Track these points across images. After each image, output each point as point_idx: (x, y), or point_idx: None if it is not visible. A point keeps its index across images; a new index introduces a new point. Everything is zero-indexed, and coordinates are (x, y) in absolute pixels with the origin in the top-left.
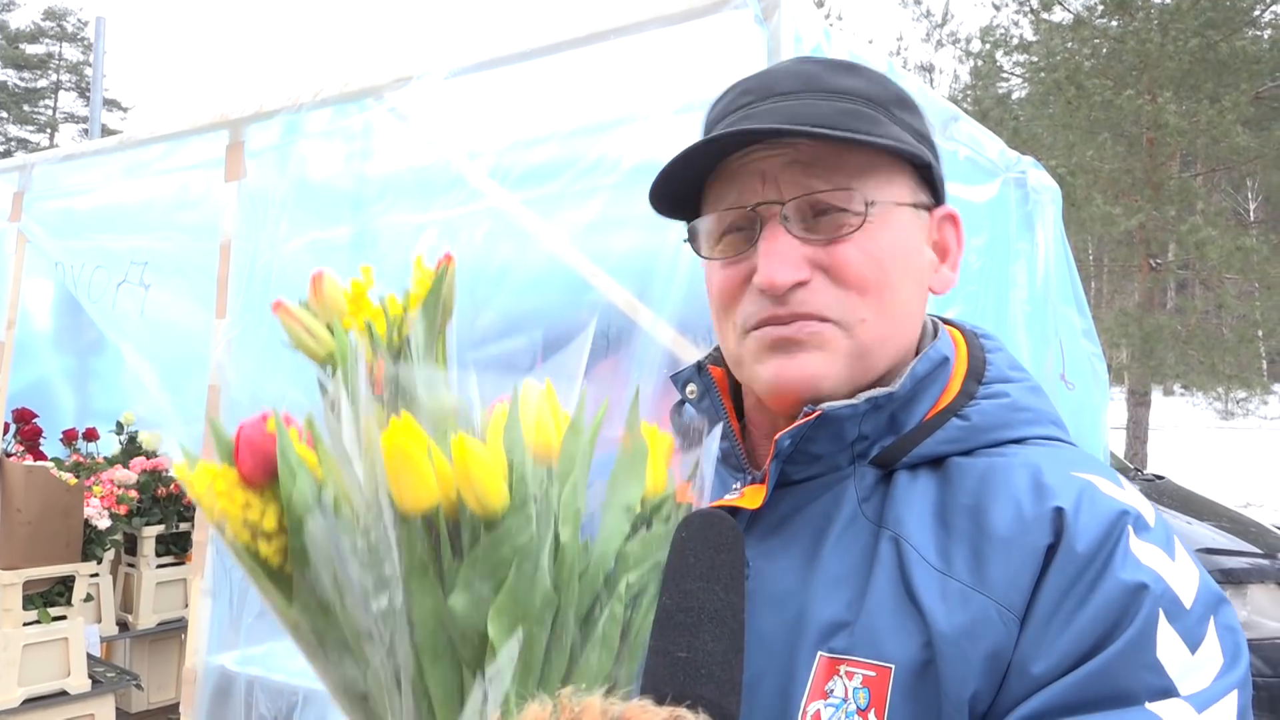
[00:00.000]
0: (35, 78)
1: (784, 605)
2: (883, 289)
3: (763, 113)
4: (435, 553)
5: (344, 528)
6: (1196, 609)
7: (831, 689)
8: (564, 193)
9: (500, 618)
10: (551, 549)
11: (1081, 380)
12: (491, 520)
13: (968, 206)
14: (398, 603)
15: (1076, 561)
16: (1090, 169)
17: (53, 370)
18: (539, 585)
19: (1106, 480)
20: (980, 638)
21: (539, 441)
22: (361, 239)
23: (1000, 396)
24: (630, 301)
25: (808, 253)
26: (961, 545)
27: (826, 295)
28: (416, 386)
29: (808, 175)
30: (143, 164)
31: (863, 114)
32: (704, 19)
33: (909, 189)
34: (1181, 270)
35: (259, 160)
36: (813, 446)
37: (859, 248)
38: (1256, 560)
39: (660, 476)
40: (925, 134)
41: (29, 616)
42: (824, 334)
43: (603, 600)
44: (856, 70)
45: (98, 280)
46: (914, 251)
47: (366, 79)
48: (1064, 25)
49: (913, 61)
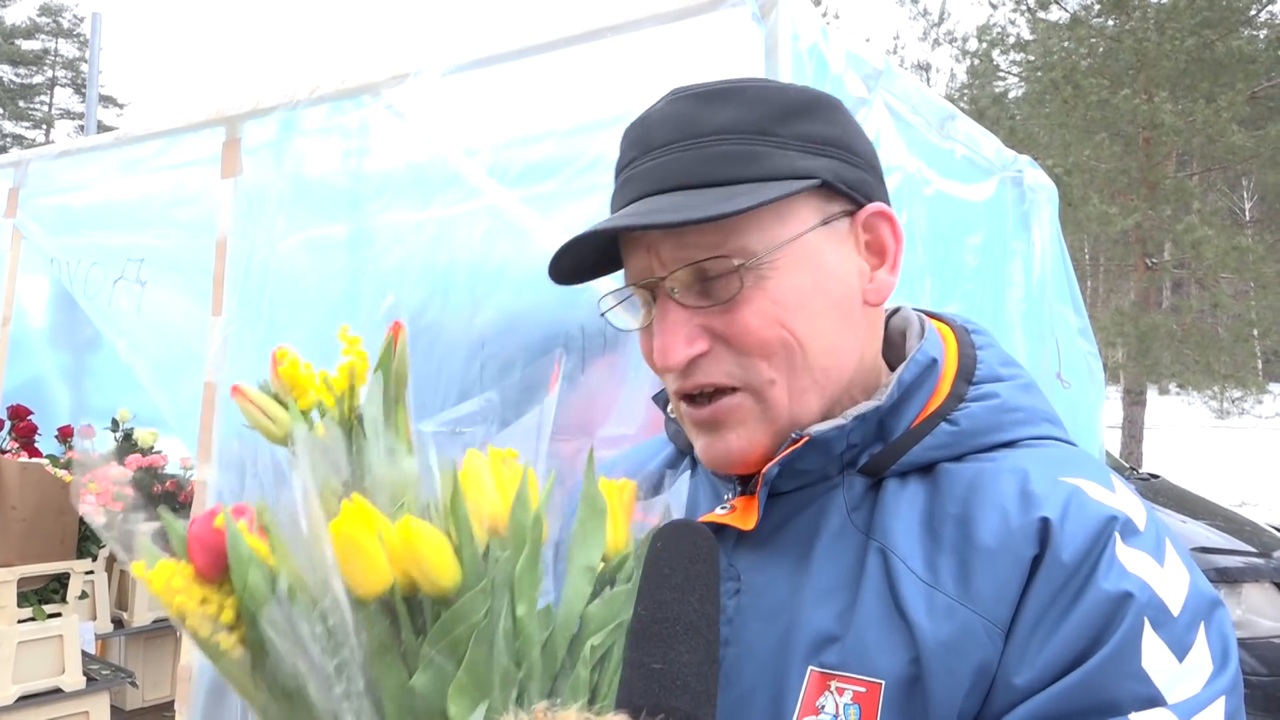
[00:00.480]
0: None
1: (775, 617)
2: (786, 347)
3: (639, 175)
4: (395, 633)
5: (301, 614)
6: (1184, 616)
7: (823, 705)
8: (562, 190)
9: (460, 696)
10: (508, 624)
11: (1077, 379)
12: (445, 598)
13: (964, 205)
14: (361, 686)
15: (1061, 572)
16: (1087, 168)
17: (48, 367)
18: (497, 661)
19: (1096, 484)
20: (967, 652)
21: (488, 511)
22: (358, 237)
23: (990, 398)
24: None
25: (702, 320)
26: (949, 556)
27: (727, 363)
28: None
29: (683, 244)
30: (139, 160)
31: (737, 155)
32: (701, 16)
33: (813, 209)
34: (1177, 269)
35: (255, 157)
36: (801, 464)
37: (753, 310)
38: (1251, 559)
39: (621, 533)
40: (828, 135)
41: (24, 613)
42: (739, 409)
43: (567, 666)
44: (733, 95)
45: (94, 277)
46: (828, 280)
47: (363, 76)
48: (1061, 24)
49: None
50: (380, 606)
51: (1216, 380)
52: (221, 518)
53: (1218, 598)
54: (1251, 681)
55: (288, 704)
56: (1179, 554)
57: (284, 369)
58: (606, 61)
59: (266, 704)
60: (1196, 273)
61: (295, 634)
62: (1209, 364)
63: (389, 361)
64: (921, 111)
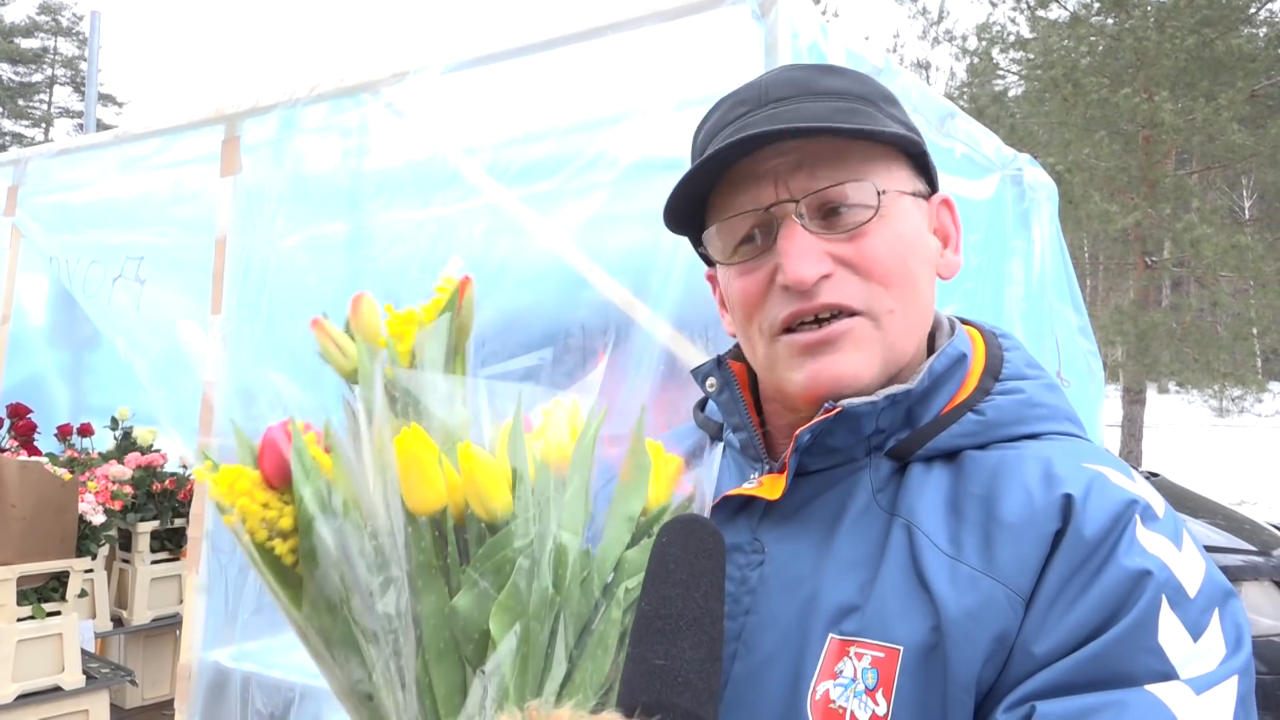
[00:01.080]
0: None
1: (797, 589)
2: (905, 279)
3: (761, 119)
4: (442, 553)
5: (353, 530)
6: (1200, 599)
7: (841, 669)
8: (562, 189)
9: (501, 615)
10: (553, 552)
11: (1077, 377)
12: (495, 524)
13: (965, 203)
14: (404, 603)
15: (1083, 546)
16: (1086, 166)
17: (47, 365)
18: (539, 585)
19: (1118, 472)
20: (987, 620)
21: (555, 456)
22: (358, 235)
23: (1016, 393)
24: (627, 299)
25: (828, 248)
26: (972, 532)
27: (853, 287)
28: (430, 400)
29: (815, 174)
30: (138, 159)
31: (858, 111)
32: (701, 14)
33: (908, 178)
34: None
35: (255, 155)
36: (830, 440)
37: (879, 239)
38: (1251, 558)
39: (662, 489)
40: (913, 126)
41: (23, 612)
42: (856, 330)
43: (602, 605)
44: (842, 72)
45: (93, 275)
46: (922, 238)
47: (363, 74)
48: (1061, 23)
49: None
50: (431, 525)
51: (1216, 379)
52: (292, 426)
53: (1232, 589)
54: None
55: (330, 618)
56: (1195, 544)
57: (360, 314)
58: (607, 59)
59: (308, 618)
60: (1196, 271)
61: (345, 548)
62: (1208, 362)
63: (455, 310)
64: (921, 109)
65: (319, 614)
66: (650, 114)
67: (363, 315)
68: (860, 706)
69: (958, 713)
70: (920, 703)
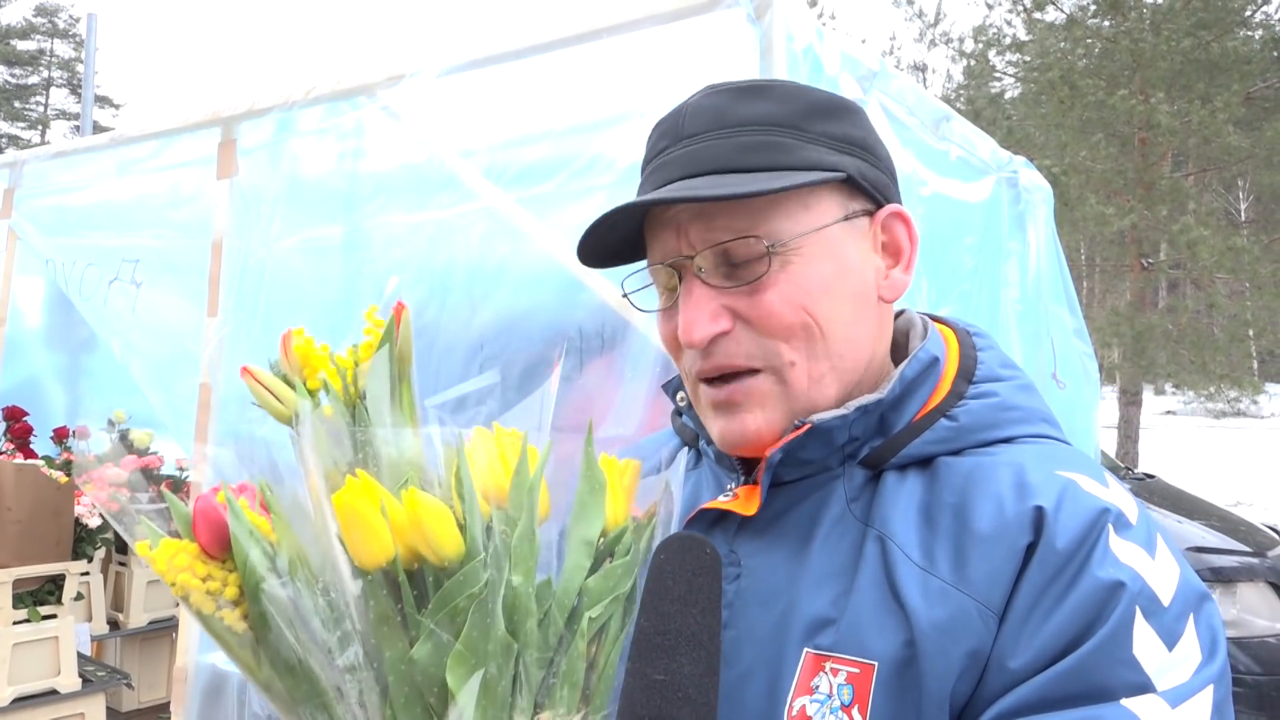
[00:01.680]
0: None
1: (772, 602)
2: (808, 330)
3: (673, 160)
4: (396, 605)
5: (303, 589)
6: (1175, 606)
7: (817, 685)
8: (560, 191)
9: (458, 665)
10: (506, 595)
11: (1073, 379)
12: (449, 569)
13: (960, 206)
14: (362, 658)
15: (1055, 559)
16: (1083, 169)
17: (44, 368)
18: (494, 631)
19: (1090, 479)
20: (960, 635)
21: (491, 485)
22: (354, 238)
23: (989, 396)
24: (623, 302)
25: (727, 301)
26: (945, 543)
27: (749, 344)
28: (375, 440)
29: (713, 226)
30: (134, 161)
31: (768, 144)
32: (697, 18)
33: (837, 204)
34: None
35: (251, 158)
36: (803, 453)
37: (778, 293)
38: (1246, 559)
39: (620, 508)
40: (853, 136)
41: (19, 615)
42: (758, 389)
43: (566, 638)
44: (765, 91)
45: (89, 278)
46: (848, 271)
47: (359, 77)
48: (1057, 25)
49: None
50: (382, 578)
51: (1212, 381)
52: (223, 494)
53: (1207, 592)
54: (1246, 680)
55: (290, 678)
56: (1169, 549)
57: (298, 347)
58: (602, 62)
59: (270, 679)
60: (1192, 273)
61: (297, 608)
62: (1205, 364)
63: (393, 341)
64: (917, 112)
65: (280, 674)
66: (647, 117)
67: (294, 356)
68: None
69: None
70: (895, 718)
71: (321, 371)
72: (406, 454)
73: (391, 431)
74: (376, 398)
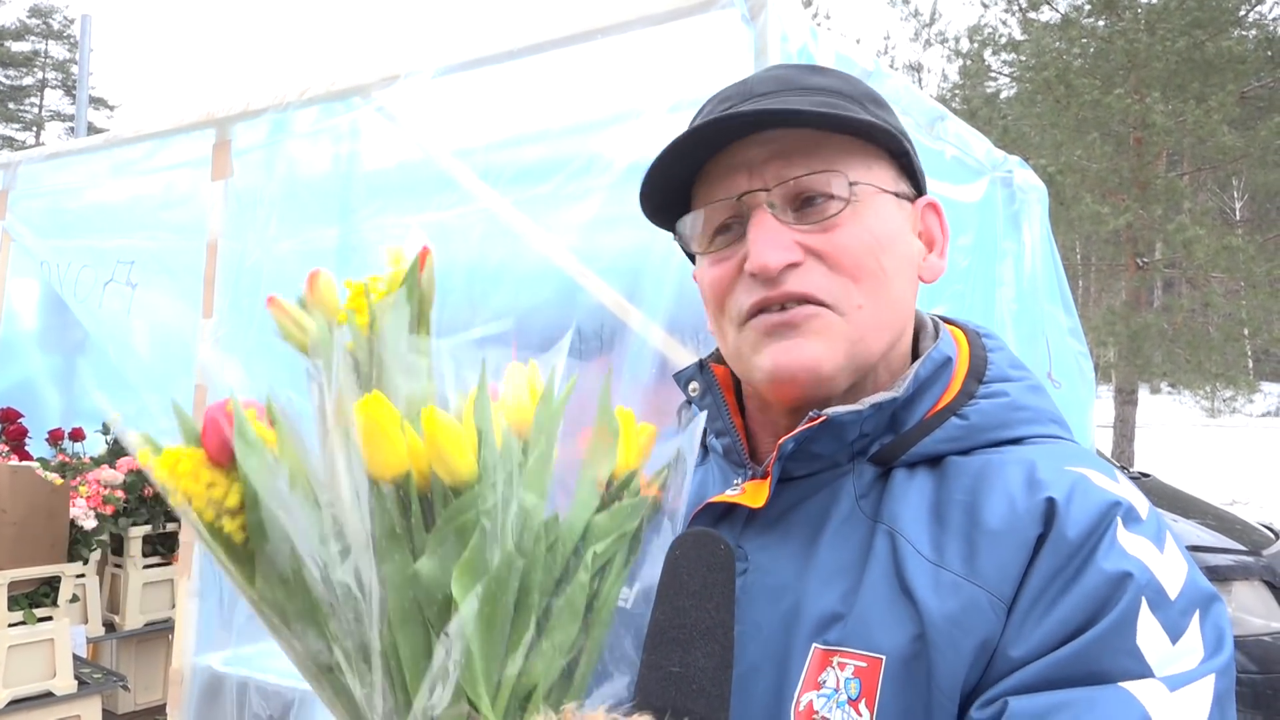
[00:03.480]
0: (21, 75)
1: (780, 597)
2: (876, 275)
3: (744, 113)
4: (405, 519)
5: (302, 502)
6: (1181, 601)
7: (824, 680)
8: (558, 193)
9: (463, 576)
10: (517, 514)
11: (1068, 378)
12: (460, 488)
13: (955, 206)
14: (364, 571)
15: (1065, 548)
16: (1078, 168)
17: (38, 370)
18: (503, 546)
19: (1101, 474)
20: (971, 627)
21: (516, 418)
22: (351, 240)
23: (1000, 396)
24: (620, 303)
25: (798, 237)
26: (956, 538)
27: (820, 278)
28: (392, 369)
29: (789, 163)
30: (129, 162)
31: (840, 105)
32: (691, 18)
33: (890, 178)
34: (1168, 269)
35: (246, 159)
36: (814, 446)
37: (850, 232)
38: (1241, 558)
39: (631, 454)
40: (901, 129)
41: (14, 617)
42: (821, 318)
43: (570, 568)
44: (830, 72)
45: (84, 280)
46: (902, 238)
47: (354, 77)
48: (1052, 25)
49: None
50: (393, 491)
51: (1208, 379)
52: (232, 404)
53: (1216, 593)
54: (1241, 679)
55: (284, 593)
56: (1179, 547)
57: (318, 290)
58: (598, 63)
59: (263, 593)
60: (1187, 272)
61: (295, 520)
62: (1200, 363)
63: (414, 279)
64: (911, 112)
65: (273, 588)
66: (644, 117)
67: (320, 291)
68: (843, 717)
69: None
70: (903, 712)
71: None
72: (423, 390)
73: (408, 370)
74: (394, 333)
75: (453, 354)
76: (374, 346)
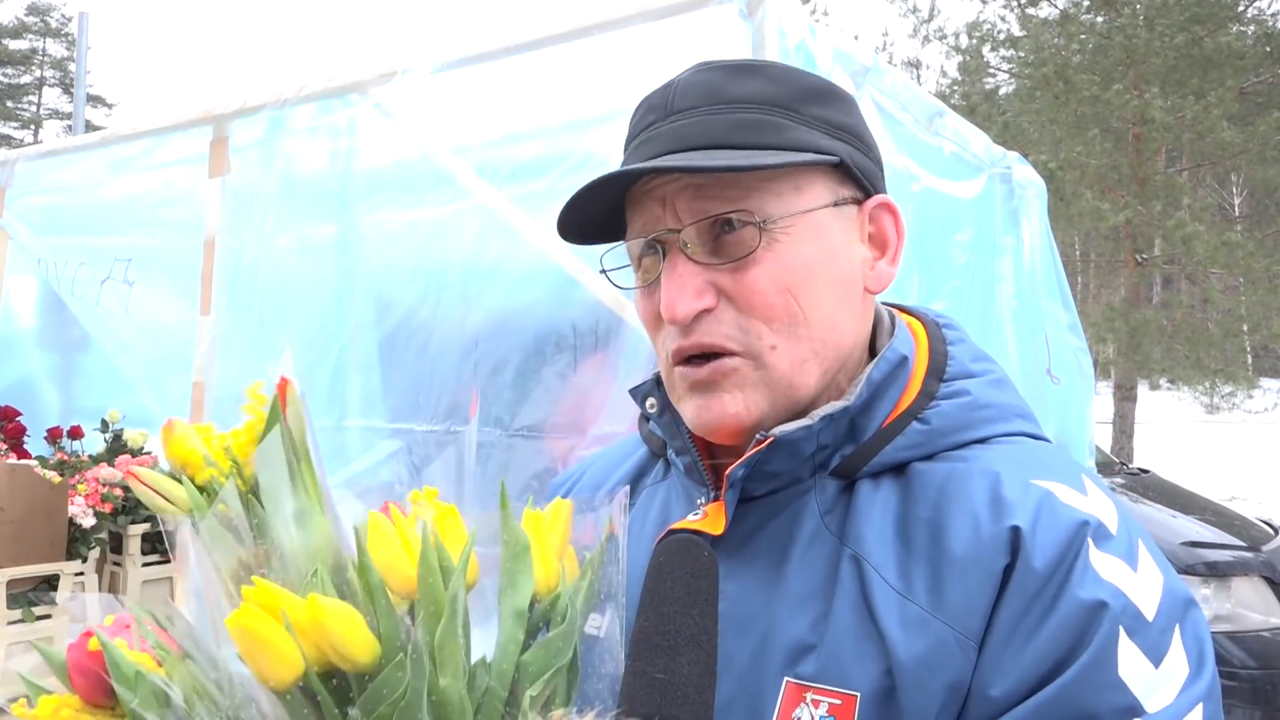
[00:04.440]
0: (19, 73)
1: (749, 628)
2: (791, 314)
3: (661, 134)
4: (320, 717)
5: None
6: (1159, 620)
7: (799, 716)
8: (553, 189)
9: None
10: (434, 697)
11: (1067, 374)
12: (366, 673)
13: (953, 202)
14: None
15: (1035, 580)
16: (1078, 164)
17: (37, 368)
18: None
19: (1067, 487)
20: (939, 666)
21: (399, 575)
22: (348, 237)
23: (961, 395)
24: (617, 299)
25: (711, 277)
26: (921, 564)
27: (730, 324)
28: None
29: (702, 198)
30: (126, 160)
31: (762, 123)
32: (689, 14)
33: (826, 189)
34: (1167, 265)
35: (243, 156)
36: (770, 466)
37: (764, 271)
38: (1240, 553)
39: (552, 568)
40: (845, 123)
41: (13, 615)
42: (737, 372)
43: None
44: (758, 71)
45: (81, 277)
46: (835, 257)
47: (351, 74)
48: (1051, 20)
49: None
50: (300, 694)
51: (1207, 375)
52: (95, 641)
53: (1191, 597)
54: (1240, 675)
55: None
56: (1151, 555)
57: (174, 444)
58: (595, 59)
59: None
60: (1186, 268)
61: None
62: (1199, 359)
63: (281, 420)
64: (910, 108)
65: None
66: None
67: (175, 446)
68: None
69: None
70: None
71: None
72: (316, 540)
73: (295, 519)
74: (271, 486)
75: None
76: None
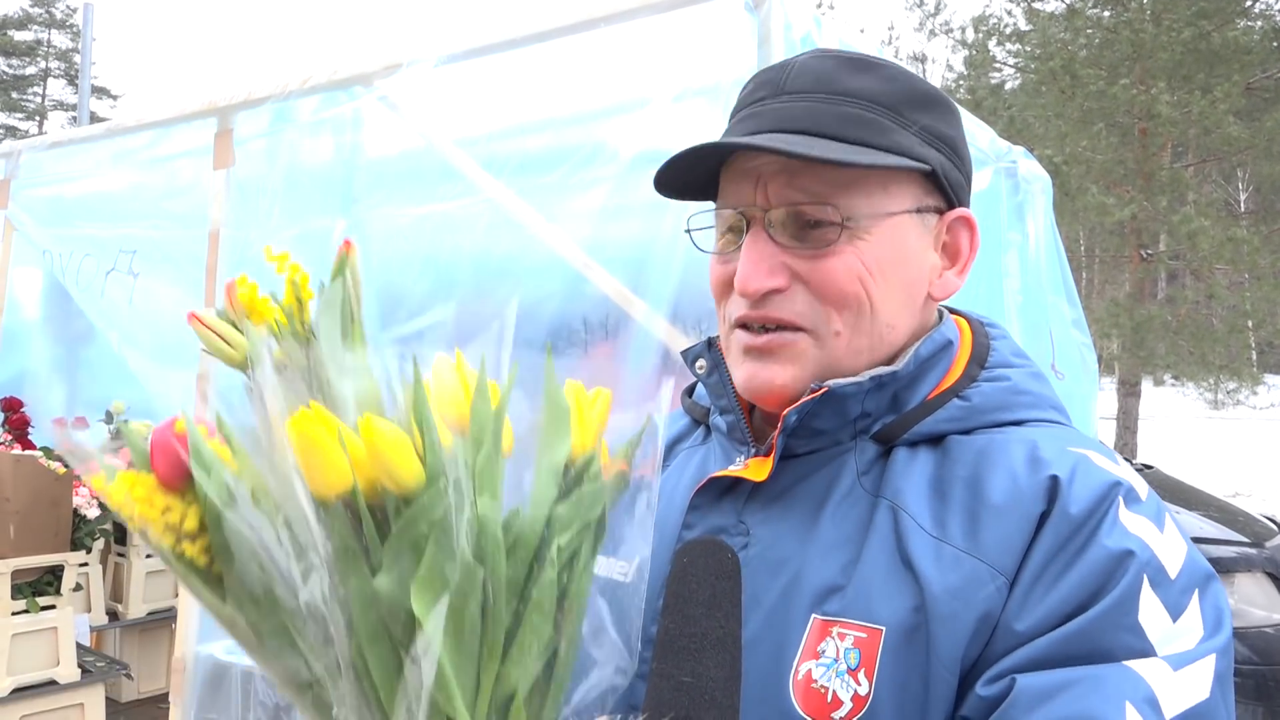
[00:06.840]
0: (24, 65)
1: (780, 570)
2: (861, 305)
3: (768, 112)
4: (358, 535)
5: (264, 519)
6: (1181, 580)
7: (824, 649)
8: (564, 182)
9: (422, 592)
10: (471, 519)
11: (1071, 370)
12: (410, 497)
13: None
14: (328, 589)
15: (1068, 525)
16: (1083, 159)
17: (41, 359)
18: (460, 556)
19: (1102, 456)
20: (972, 600)
21: (452, 413)
22: (355, 230)
23: (1001, 380)
24: (624, 293)
25: (788, 260)
26: (957, 512)
27: (801, 304)
28: (328, 372)
29: (794, 184)
30: (131, 151)
31: (867, 120)
32: (695, 6)
33: (912, 195)
34: (1172, 261)
35: (248, 148)
36: (816, 422)
37: (841, 262)
38: (1244, 549)
39: (588, 434)
40: (945, 134)
41: (18, 606)
42: (796, 346)
43: (536, 567)
44: (874, 68)
45: (86, 268)
46: (908, 261)
47: (356, 66)
48: (1057, 15)
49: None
50: (343, 508)
51: (1211, 371)
52: (182, 423)
53: (1213, 573)
54: (1243, 670)
55: (255, 611)
56: (1177, 527)
57: (242, 294)
58: (601, 51)
59: (234, 614)
60: (1192, 264)
61: (260, 538)
62: (1204, 355)
63: (342, 278)
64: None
65: (244, 608)
66: (649, 107)
67: (239, 301)
68: (842, 686)
69: (939, 691)
70: (902, 682)
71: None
72: (363, 387)
73: (347, 370)
74: (329, 333)
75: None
76: (309, 351)
